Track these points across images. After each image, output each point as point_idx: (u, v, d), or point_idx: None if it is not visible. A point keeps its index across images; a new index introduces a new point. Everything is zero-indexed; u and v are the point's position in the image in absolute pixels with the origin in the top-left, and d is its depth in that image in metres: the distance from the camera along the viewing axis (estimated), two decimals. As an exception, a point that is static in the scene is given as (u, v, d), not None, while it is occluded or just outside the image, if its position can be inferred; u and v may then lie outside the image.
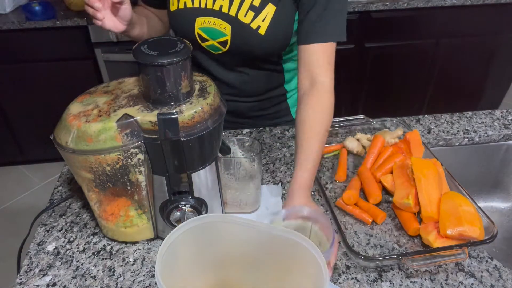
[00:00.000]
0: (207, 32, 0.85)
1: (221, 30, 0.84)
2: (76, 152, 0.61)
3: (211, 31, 0.85)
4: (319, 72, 0.81)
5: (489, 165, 1.05)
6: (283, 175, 0.90)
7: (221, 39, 0.85)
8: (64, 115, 0.63)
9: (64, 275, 0.69)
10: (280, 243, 0.50)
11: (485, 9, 2.02)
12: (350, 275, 0.68)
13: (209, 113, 0.62)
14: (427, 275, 0.68)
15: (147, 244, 0.74)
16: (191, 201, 0.68)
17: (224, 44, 0.86)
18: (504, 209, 1.06)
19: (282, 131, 1.04)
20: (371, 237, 0.75)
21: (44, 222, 0.80)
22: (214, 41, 0.86)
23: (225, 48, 0.86)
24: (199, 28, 0.85)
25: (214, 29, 0.84)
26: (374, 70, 2.15)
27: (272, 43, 0.85)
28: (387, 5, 1.92)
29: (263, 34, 0.82)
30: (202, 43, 0.87)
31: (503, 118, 1.08)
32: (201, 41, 0.87)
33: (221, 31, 0.84)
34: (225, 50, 0.87)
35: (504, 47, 2.19)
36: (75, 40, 1.94)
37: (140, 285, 0.67)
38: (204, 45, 0.88)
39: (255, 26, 0.82)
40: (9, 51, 1.95)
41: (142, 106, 0.61)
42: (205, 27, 0.85)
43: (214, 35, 0.85)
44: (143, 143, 0.61)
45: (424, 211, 0.72)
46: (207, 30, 0.85)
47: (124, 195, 0.67)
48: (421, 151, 0.86)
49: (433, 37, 2.09)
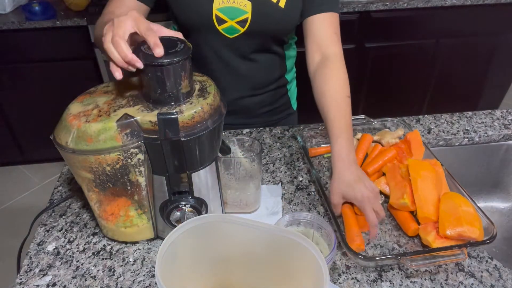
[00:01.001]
0: (226, 12, 0.84)
1: (241, 8, 0.84)
2: (76, 152, 0.61)
3: (231, 10, 0.84)
4: (328, 43, 0.85)
5: (489, 165, 1.05)
6: (283, 175, 0.90)
7: (240, 18, 0.85)
8: (64, 115, 0.63)
9: (64, 275, 0.69)
10: (280, 243, 0.50)
11: (485, 9, 2.02)
12: (350, 275, 0.68)
13: (209, 113, 0.62)
14: (427, 275, 0.68)
15: (147, 244, 0.75)
16: (191, 201, 0.68)
17: (243, 23, 0.86)
18: (504, 209, 1.06)
19: (282, 131, 1.04)
20: (371, 237, 0.75)
21: (44, 222, 0.80)
22: (233, 21, 0.85)
23: (244, 28, 0.86)
24: (217, 9, 0.84)
25: (233, 8, 0.84)
26: (374, 70, 2.15)
27: (291, 17, 0.87)
28: (387, 5, 1.92)
29: (283, 7, 0.84)
30: (218, 26, 0.86)
31: (503, 118, 1.08)
32: (218, 23, 0.86)
33: (241, 8, 0.84)
34: (243, 30, 0.87)
35: (504, 47, 2.18)
36: (75, 40, 1.94)
37: (140, 285, 0.67)
38: (220, 28, 0.86)
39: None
40: (9, 51, 1.95)
41: (142, 106, 0.61)
42: (224, 6, 0.84)
43: (234, 14, 0.85)
44: (143, 143, 0.61)
45: (420, 212, 0.72)
46: (226, 10, 0.84)
47: (124, 195, 0.67)
48: (422, 151, 0.86)
49: (433, 37, 2.09)
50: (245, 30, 0.87)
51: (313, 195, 0.84)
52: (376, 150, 0.90)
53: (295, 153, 0.96)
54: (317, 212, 0.81)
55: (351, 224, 0.73)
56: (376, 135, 0.96)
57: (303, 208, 0.81)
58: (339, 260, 0.71)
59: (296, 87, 1.15)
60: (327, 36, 0.85)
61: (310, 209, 0.81)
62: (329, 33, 0.86)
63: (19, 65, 2.00)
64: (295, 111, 1.16)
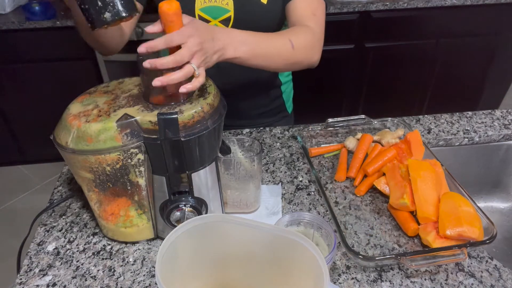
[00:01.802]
0: (208, 12, 0.84)
1: (223, 7, 0.83)
2: (76, 152, 0.61)
3: (213, 10, 0.84)
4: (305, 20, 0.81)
5: (489, 165, 1.05)
6: (283, 175, 0.90)
7: (223, 17, 0.84)
8: (64, 115, 0.63)
9: (64, 275, 0.69)
10: (281, 243, 0.50)
11: (485, 9, 2.02)
12: (350, 275, 0.68)
13: (209, 113, 0.62)
14: (427, 275, 0.68)
15: (147, 244, 0.75)
16: (191, 201, 0.68)
17: (226, 22, 0.85)
18: (504, 209, 1.06)
19: (282, 131, 1.04)
20: (371, 237, 0.75)
21: (44, 222, 0.80)
22: (216, 20, 0.85)
23: (228, 27, 0.86)
24: (199, 10, 0.84)
25: (215, 7, 0.83)
26: (374, 70, 2.15)
27: (274, 13, 0.86)
28: (387, 5, 1.92)
29: (266, 3, 0.83)
30: None
31: (503, 118, 1.08)
32: None
33: (224, 7, 0.83)
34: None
35: (504, 47, 2.18)
36: (75, 40, 1.93)
37: (140, 285, 0.67)
38: None
39: None
40: (9, 51, 1.95)
41: (142, 106, 0.61)
42: (205, 6, 0.84)
43: (216, 14, 0.84)
44: (143, 143, 0.62)
45: (419, 212, 0.72)
46: (208, 9, 0.84)
47: (124, 195, 0.67)
48: (422, 151, 0.86)
49: (433, 37, 2.09)
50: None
51: (313, 195, 0.84)
52: (376, 150, 0.90)
53: (295, 153, 0.96)
54: (317, 212, 0.81)
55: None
56: (376, 135, 0.96)
57: (303, 208, 0.81)
58: (339, 260, 0.71)
59: (292, 90, 1.14)
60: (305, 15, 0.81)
61: (310, 209, 0.81)
62: (306, 13, 0.81)
63: (19, 65, 2.00)
64: (290, 114, 1.15)
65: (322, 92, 2.18)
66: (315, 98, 2.18)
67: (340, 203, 0.82)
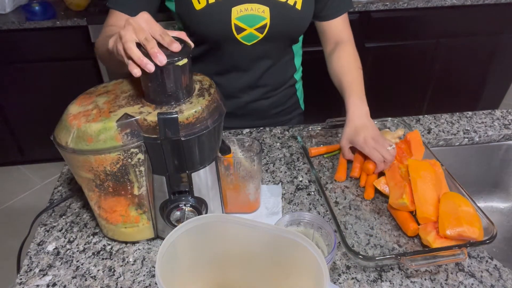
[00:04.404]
0: (244, 21, 0.84)
1: (259, 15, 0.84)
2: (76, 152, 0.61)
3: (249, 18, 0.84)
4: (343, 35, 0.98)
5: (489, 165, 1.05)
6: (283, 175, 0.90)
7: (259, 25, 0.85)
8: (64, 115, 0.63)
9: (64, 275, 0.69)
10: (281, 243, 0.50)
11: (485, 9, 2.02)
12: (350, 275, 0.68)
13: (209, 113, 0.62)
14: (427, 275, 0.68)
15: (147, 244, 0.75)
16: (191, 201, 0.68)
17: (262, 29, 0.86)
18: (504, 209, 1.06)
19: (282, 131, 1.04)
20: (371, 237, 0.75)
21: (44, 222, 0.80)
22: (252, 28, 0.85)
23: (262, 34, 0.87)
24: (235, 19, 0.84)
25: (252, 16, 0.84)
26: (374, 70, 2.15)
27: (308, 17, 0.91)
28: (387, 5, 1.92)
29: (300, 8, 0.86)
30: (237, 35, 0.86)
31: (503, 118, 1.08)
32: (237, 32, 0.85)
33: (260, 15, 0.84)
34: (262, 36, 0.87)
35: (504, 47, 2.18)
36: (75, 40, 1.94)
37: (140, 285, 0.67)
38: (239, 36, 0.86)
39: (292, 2, 0.85)
40: (9, 51, 1.95)
41: (142, 106, 0.61)
42: (242, 15, 0.84)
43: (253, 22, 0.85)
44: (143, 143, 0.61)
45: (419, 212, 0.72)
46: (244, 18, 0.84)
47: (124, 195, 0.67)
48: (422, 151, 0.86)
49: (433, 37, 2.09)
50: (264, 36, 0.87)
51: (313, 195, 0.84)
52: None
53: (295, 153, 0.96)
54: (317, 212, 0.81)
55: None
56: (376, 135, 0.96)
57: (303, 208, 0.81)
58: (339, 260, 0.71)
59: (302, 87, 1.15)
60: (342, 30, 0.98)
61: (310, 209, 0.81)
62: (343, 28, 0.98)
63: (19, 65, 2.00)
64: (303, 111, 1.17)
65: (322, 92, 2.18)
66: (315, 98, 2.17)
67: (340, 203, 0.82)
